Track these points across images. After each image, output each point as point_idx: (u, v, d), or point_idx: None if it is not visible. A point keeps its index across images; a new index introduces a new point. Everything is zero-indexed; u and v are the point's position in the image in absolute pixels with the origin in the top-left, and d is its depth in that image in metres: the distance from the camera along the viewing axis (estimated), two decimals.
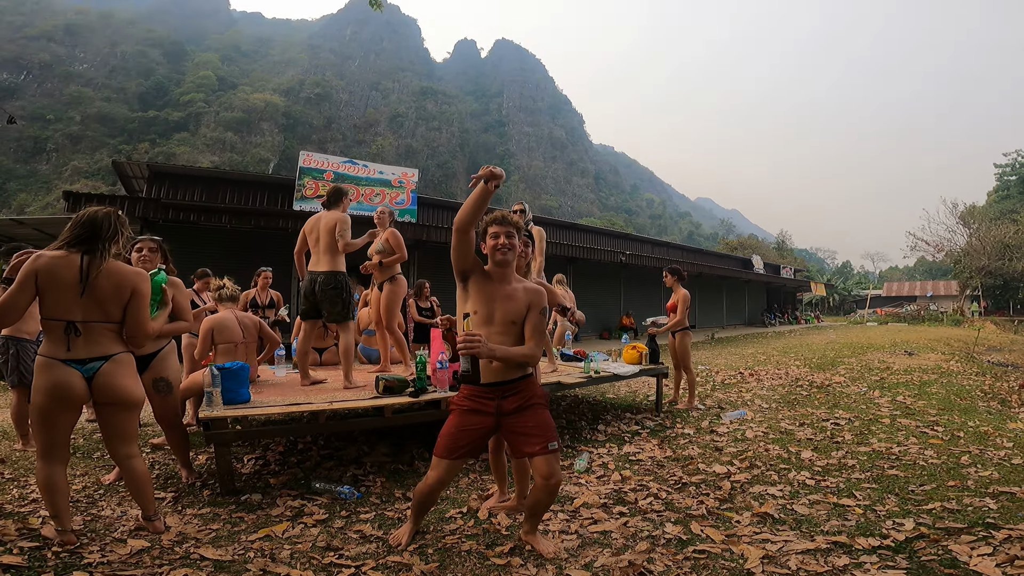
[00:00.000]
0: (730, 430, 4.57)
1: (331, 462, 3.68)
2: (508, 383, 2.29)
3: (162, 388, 3.06)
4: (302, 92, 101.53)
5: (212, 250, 10.51)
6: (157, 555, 2.27)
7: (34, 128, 71.90)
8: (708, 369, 8.95)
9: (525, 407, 2.28)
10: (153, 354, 3.04)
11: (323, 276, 3.99)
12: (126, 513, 2.72)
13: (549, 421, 2.31)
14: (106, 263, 2.31)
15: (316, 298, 4.02)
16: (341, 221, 4.01)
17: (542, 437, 2.23)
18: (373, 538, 2.48)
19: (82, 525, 2.54)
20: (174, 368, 3.15)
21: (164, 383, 3.06)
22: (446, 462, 2.29)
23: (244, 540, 2.44)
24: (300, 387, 3.97)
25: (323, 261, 4.01)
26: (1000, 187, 49.80)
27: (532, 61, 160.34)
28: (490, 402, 2.28)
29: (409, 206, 14.84)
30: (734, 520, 2.67)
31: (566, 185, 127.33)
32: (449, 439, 2.30)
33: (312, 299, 4.04)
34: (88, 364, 2.29)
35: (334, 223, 4.00)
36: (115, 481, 3.18)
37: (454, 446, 2.29)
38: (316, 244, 4.06)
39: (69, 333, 2.25)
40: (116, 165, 13.58)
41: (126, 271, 2.38)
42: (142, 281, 2.40)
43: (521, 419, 2.27)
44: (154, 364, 3.04)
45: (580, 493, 3.05)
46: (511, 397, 2.28)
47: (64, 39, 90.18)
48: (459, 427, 2.30)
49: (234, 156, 78.51)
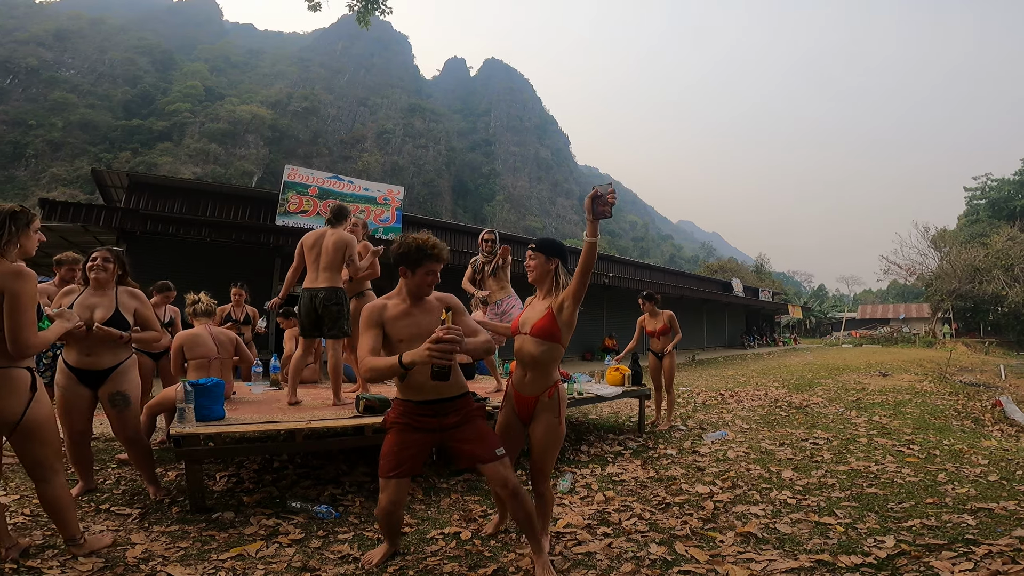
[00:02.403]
0: (712, 450, 4.58)
1: (308, 481, 3.58)
2: (447, 400, 2.27)
3: (119, 402, 2.97)
4: (290, 105, 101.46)
5: (191, 263, 10.31)
6: (121, 572, 2.18)
7: (15, 133, 70.57)
8: (689, 390, 8.99)
9: (464, 421, 2.28)
10: (112, 368, 2.96)
11: (324, 292, 3.93)
12: (88, 529, 2.60)
13: (490, 431, 2.32)
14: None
15: (317, 315, 3.95)
16: (351, 245, 3.99)
17: (487, 444, 2.23)
18: (351, 559, 2.41)
19: (42, 540, 2.44)
20: (134, 383, 3.07)
21: (121, 397, 2.97)
22: (393, 481, 2.22)
23: (215, 559, 2.36)
24: (276, 405, 3.89)
25: (323, 278, 3.95)
26: (970, 211, 51.31)
27: (521, 81, 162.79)
28: (431, 419, 2.25)
29: (394, 224, 14.80)
30: (718, 540, 2.65)
31: (550, 206, 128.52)
32: (390, 457, 2.24)
33: (313, 316, 3.96)
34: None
35: (344, 245, 3.96)
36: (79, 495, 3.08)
37: (396, 463, 2.23)
38: (316, 260, 3.99)
39: None
40: (95, 173, 13.32)
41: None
42: (15, 280, 2.10)
43: (463, 431, 2.26)
44: (113, 377, 2.96)
45: (564, 514, 3.01)
46: (451, 414, 2.27)
47: (53, 44, 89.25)
48: (399, 444, 2.25)
49: (217, 168, 77.75)
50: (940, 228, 40.62)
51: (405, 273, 2.31)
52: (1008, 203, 45.99)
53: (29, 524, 2.65)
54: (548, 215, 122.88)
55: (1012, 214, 44.35)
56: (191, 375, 3.88)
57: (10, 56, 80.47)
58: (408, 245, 2.29)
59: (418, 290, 2.32)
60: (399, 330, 2.27)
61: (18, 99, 77.54)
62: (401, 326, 2.27)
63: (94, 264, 2.99)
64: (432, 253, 2.29)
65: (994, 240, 36.93)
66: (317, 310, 3.93)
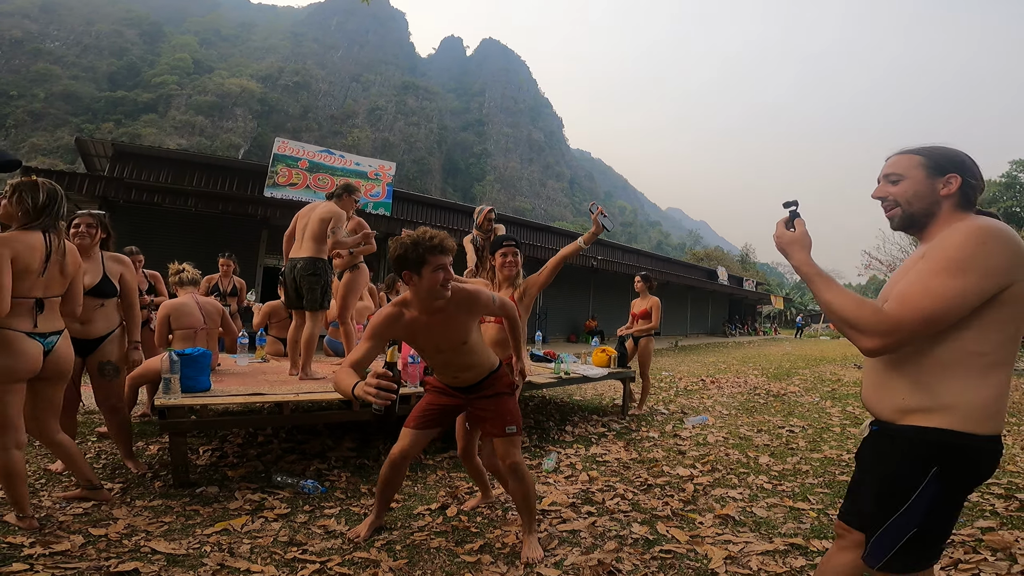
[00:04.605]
0: (692, 435, 4.66)
1: (293, 455, 3.58)
2: (471, 386, 2.34)
3: (108, 372, 2.94)
4: (280, 80, 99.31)
5: (175, 234, 10.14)
6: (103, 548, 2.16)
7: None
8: (672, 375, 9.10)
9: (488, 396, 2.33)
10: (104, 336, 2.93)
11: (303, 262, 3.87)
12: (69, 504, 2.58)
13: (512, 409, 2.33)
14: None
15: (296, 284, 3.91)
16: (337, 216, 3.92)
17: (502, 421, 2.28)
18: (338, 533, 2.42)
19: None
20: (122, 352, 3.04)
21: (111, 367, 2.95)
22: (410, 431, 2.34)
23: (199, 534, 2.35)
24: (262, 377, 3.88)
25: (305, 248, 3.90)
26: None
27: (517, 62, 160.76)
28: (459, 392, 2.37)
29: (384, 199, 14.65)
30: (697, 521, 2.71)
31: (541, 188, 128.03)
32: (416, 411, 2.39)
33: (295, 286, 3.92)
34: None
35: (329, 215, 3.89)
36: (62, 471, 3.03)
37: (420, 416, 2.36)
38: (303, 231, 3.94)
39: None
40: (79, 142, 12.97)
41: None
42: None
43: (484, 403, 2.33)
44: (104, 346, 2.93)
45: (549, 492, 3.05)
46: (476, 392, 2.34)
47: (39, 16, 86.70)
48: (427, 403, 2.39)
49: (203, 140, 76.17)
50: None
51: (411, 279, 2.01)
52: (994, 204, 46.70)
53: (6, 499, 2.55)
54: (538, 197, 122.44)
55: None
56: (176, 345, 3.83)
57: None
58: (404, 246, 1.98)
59: (431, 294, 2.02)
60: (417, 341, 2.20)
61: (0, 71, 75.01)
62: (419, 338, 2.17)
63: (77, 230, 2.90)
64: (434, 244, 1.98)
65: None
66: (296, 280, 3.89)
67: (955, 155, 1.33)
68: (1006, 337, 1.23)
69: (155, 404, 3.28)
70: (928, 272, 1.22)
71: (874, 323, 1.23)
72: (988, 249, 1.19)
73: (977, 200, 1.35)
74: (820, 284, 1.32)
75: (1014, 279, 1.19)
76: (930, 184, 1.33)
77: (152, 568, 2.02)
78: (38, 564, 1.99)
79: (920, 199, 1.35)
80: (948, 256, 1.20)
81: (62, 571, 1.96)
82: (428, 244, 1.97)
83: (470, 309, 2.19)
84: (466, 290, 2.16)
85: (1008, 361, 1.25)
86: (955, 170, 1.31)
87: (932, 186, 1.33)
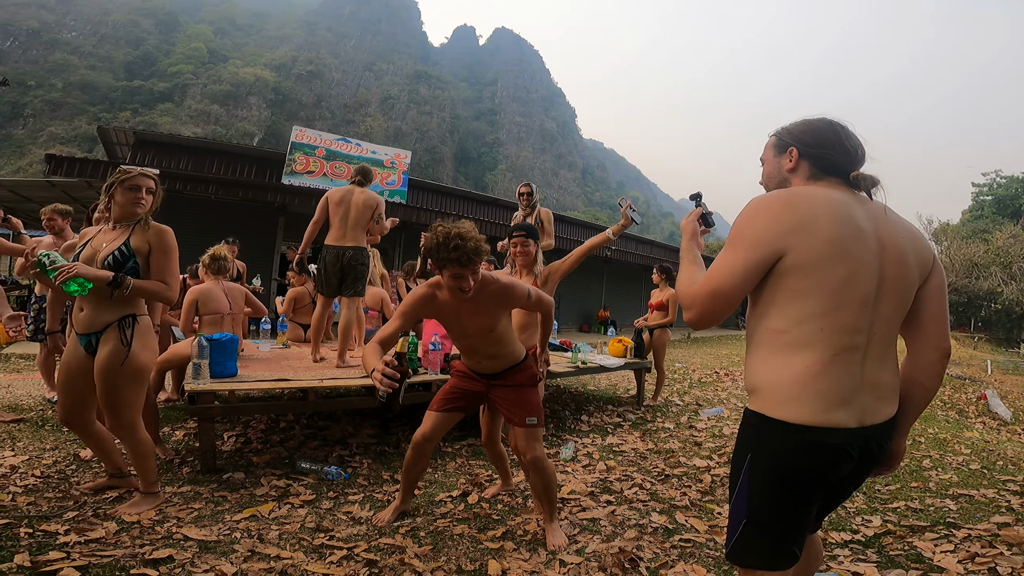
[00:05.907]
0: (708, 426, 4.66)
1: (315, 442, 3.65)
2: (496, 374, 2.37)
3: None
4: (294, 68, 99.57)
5: (195, 221, 10.26)
6: (137, 535, 2.16)
7: (14, 93, 69.74)
8: (685, 367, 9.08)
9: (511, 385, 2.35)
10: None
11: (352, 251, 3.95)
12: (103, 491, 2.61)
13: (532, 400, 2.34)
14: None
15: (343, 273, 3.96)
16: (381, 204, 4.06)
17: (522, 412, 2.29)
18: (363, 520, 2.46)
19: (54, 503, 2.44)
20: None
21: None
22: (434, 414, 2.39)
23: (229, 520, 2.37)
24: (286, 363, 3.93)
25: (351, 236, 3.97)
26: (975, 207, 50.71)
27: (530, 52, 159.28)
28: (483, 380, 2.40)
29: (400, 187, 14.67)
30: (716, 512, 2.73)
31: (553, 177, 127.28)
32: (440, 395, 2.44)
33: (340, 274, 3.96)
34: None
35: (375, 204, 4.01)
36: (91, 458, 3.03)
37: (442, 399, 2.41)
38: (344, 217, 3.97)
39: None
40: (101, 131, 13.15)
41: None
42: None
43: (506, 392, 2.35)
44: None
45: (567, 481, 3.08)
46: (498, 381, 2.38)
47: (55, 7, 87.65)
48: (452, 387, 2.44)
49: (218, 129, 76.77)
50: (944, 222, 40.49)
51: (436, 271, 2.07)
52: (1014, 201, 45.44)
53: (40, 486, 2.61)
54: (550, 186, 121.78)
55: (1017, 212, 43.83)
56: (204, 330, 3.89)
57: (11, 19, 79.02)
58: (433, 243, 1.97)
59: (451, 291, 2.07)
60: (447, 323, 2.26)
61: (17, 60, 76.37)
62: (448, 320, 2.24)
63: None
64: (452, 258, 1.93)
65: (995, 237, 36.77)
66: (343, 268, 3.94)
67: (798, 126, 1.31)
68: (806, 314, 1.14)
69: (184, 388, 3.33)
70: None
71: (685, 297, 1.27)
72: (754, 220, 1.17)
73: (852, 164, 1.25)
74: (682, 265, 1.39)
75: (785, 247, 1.13)
76: (777, 163, 1.34)
77: (185, 555, 2.03)
78: (74, 552, 1.99)
79: (771, 179, 1.36)
80: (731, 231, 1.21)
81: (98, 559, 1.96)
82: (448, 256, 1.93)
83: (501, 302, 2.20)
84: (500, 282, 2.17)
85: (819, 342, 1.13)
86: (793, 143, 1.29)
87: (779, 164, 1.34)
